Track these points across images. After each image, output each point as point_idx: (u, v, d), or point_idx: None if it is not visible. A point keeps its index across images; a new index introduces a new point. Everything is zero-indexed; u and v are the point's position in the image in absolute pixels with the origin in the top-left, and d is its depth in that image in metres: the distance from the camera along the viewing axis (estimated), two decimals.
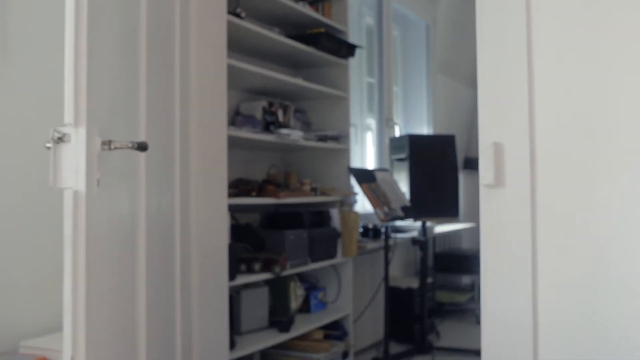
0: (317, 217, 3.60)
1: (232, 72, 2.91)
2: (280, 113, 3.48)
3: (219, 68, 2.60)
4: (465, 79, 6.69)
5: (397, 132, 5.09)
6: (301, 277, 3.72)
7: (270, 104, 3.46)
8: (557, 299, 1.78)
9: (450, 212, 4.12)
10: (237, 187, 3.19)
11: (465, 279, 5.96)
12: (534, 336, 1.84)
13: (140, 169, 1.87)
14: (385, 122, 5.00)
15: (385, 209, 3.66)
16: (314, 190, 3.58)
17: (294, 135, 3.34)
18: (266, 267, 3.06)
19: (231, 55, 2.94)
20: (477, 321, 5.15)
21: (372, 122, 5.18)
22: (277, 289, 3.44)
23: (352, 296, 3.84)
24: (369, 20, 5.23)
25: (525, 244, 1.81)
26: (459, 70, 6.45)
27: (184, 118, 2.29)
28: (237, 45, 3.26)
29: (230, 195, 2.96)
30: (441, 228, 5.15)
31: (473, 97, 6.88)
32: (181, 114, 2.27)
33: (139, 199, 1.86)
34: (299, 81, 3.46)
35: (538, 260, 1.80)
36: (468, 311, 5.46)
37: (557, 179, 1.79)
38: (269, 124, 3.40)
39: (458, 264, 5.36)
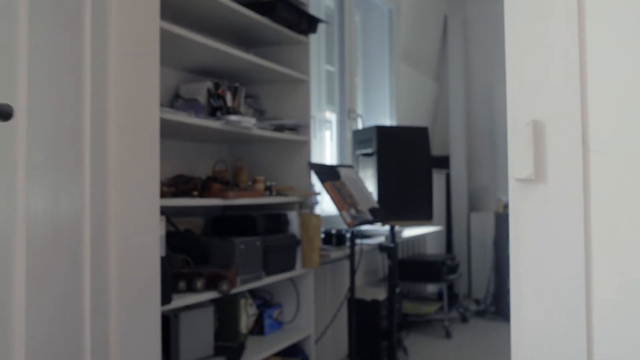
0: (273, 221, 3.04)
1: (169, 42, 2.32)
2: (228, 97, 2.90)
3: (149, 32, 2.00)
4: (428, 70, 6.23)
5: (360, 125, 4.56)
6: (253, 292, 3.15)
7: (217, 86, 2.88)
8: (615, 325, 1.28)
9: (423, 214, 3.62)
10: (176, 185, 2.60)
11: (431, 288, 5.48)
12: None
13: (18, 155, 1.27)
14: (347, 114, 4.47)
15: (352, 211, 3.12)
16: (268, 190, 3.01)
17: (246, 122, 2.77)
18: (211, 284, 2.47)
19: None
20: (447, 334, 4.67)
21: (332, 115, 4.65)
22: (225, 309, 2.85)
23: (313, 313, 3.28)
24: (329, 1, 4.69)
25: (576, 256, 1.30)
26: (421, 61, 5.98)
27: (97, 93, 1.69)
28: (175, 12, 2.66)
29: (166, 195, 2.36)
30: (406, 232, 4.64)
31: (436, 91, 6.42)
32: (93, 87, 1.68)
33: (15, 199, 1.26)
34: (251, 57, 2.88)
35: (593, 273, 1.29)
36: (435, 323, 4.98)
37: (615, 171, 1.28)
38: (215, 110, 2.82)
39: (423, 271, 4.86)
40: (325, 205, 4.26)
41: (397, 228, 3.90)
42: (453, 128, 6.32)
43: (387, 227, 3.82)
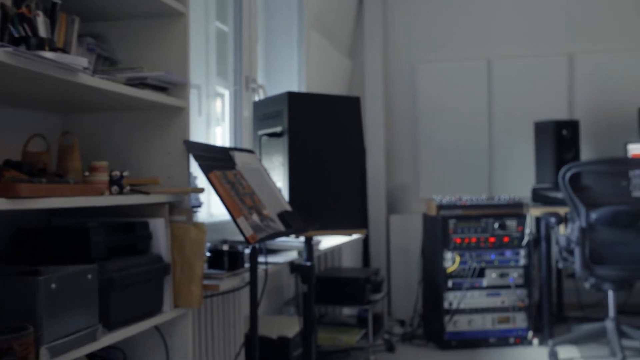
0: (122, 236, 1.84)
1: None
2: (42, 22, 1.68)
3: None
4: (342, 46, 5.17)
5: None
6: (92, 355, 1.93)
7: (17, 3, 1.65)
8: None
9: (354, 220, 2.54)
10: None
11: (348, 311, 4.43)
12: None
13: None
14: (244, 85, 3.31)
15: (255, 218, 1.98)
16: (116, 184, 1.81)
17: (75, 62, 1.57)
18: None
19: None
20: None
21: (225, 92, 3.48)
22: None
23: None
24: None
25: None
26: (335, 32, 4.92)
27: None
28: None
29: None
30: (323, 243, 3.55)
31: (350, 70, 5.38)
32: None
33: None
34: None
35: None
36: (355, 354, 3.91)
37: None
38: (20, 41, 1.59)
39: (342, 291, 3.79)
40: (214, 207, 3.08)
41: (315, 239, 2.79)
42: (370, 115, 5.30)
43: (301, 239, 2.71)
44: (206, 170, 1.95)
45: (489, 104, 5.21)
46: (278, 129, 2.57)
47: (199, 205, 2.42)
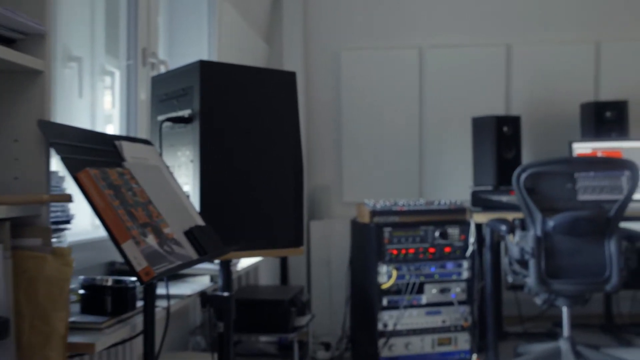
0: None
1: None
2: None
3: None
4: (257, 27, 4.49)
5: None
6: None
7: None
8: None
9: (286, 235, 1.88)
10: None
11: (267, 339, 3.75)
12: None
13: None
14: (141, 58, 2.58)
15: (152, 240, 1.30)
16: None
17: None
18: None
19: None
20: None
21: (115, 70, 2.72)
22: None
23: None
24: None
25: None
26: (250, 12, 4.24)
27: None
28: None
29: None
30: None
31: (267, 56, 4.70)
32: None
33: None
34: None
35: None
36: None
37: None
38: None
39: (261, 316, 3.13)
40: (86, 220, 2.33)
41: (234, 260, 2.11)
42: None
43: (216, 261, 2.03)
44: (73, 167, 1.24)
45: (420, 97, 4.70)
46: (186, 113, 1.87)
47: (68, 221, 1.68)
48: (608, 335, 4.31)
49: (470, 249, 3.71)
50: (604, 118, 4.21)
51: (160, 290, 1.61)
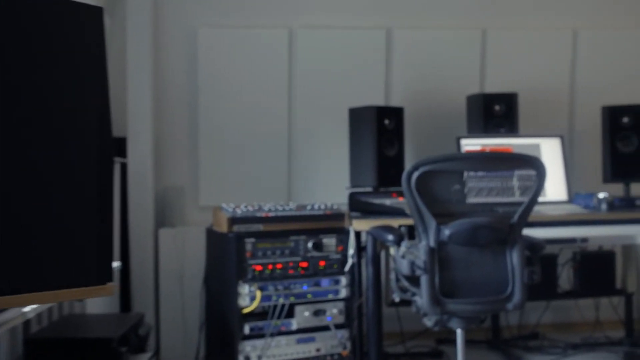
0: None
1: None
2: None
3: None
4: None
5: None
6: None
7: None
8: None
9: (85, 269, 1.16)
10: None
11: None
12: None
13: None
14: None
15: None
16: None
17: None
18: None
19: None
20: None
21: None
22: None
23: None
24: None
25: None
26: None
27: None
28: None
29: None
30: None
31: (107, 30, 3.86)
32: None
33: None
34: None
35: None
36: None
37: None
38: None
39: None
40: None
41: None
42: (133, 92, 3.85)
43: None
44: None
45: (290, 84, 4.06)
46: None
47: None
48: (495, 352, 3.91)
49: (350, 262, 3.12)
50: (493, 112, 3.79)
51: None
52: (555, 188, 3.58)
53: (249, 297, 2.95)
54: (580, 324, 4.23)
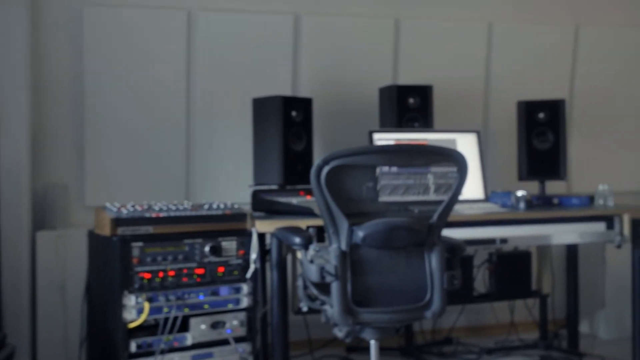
0: None
1: None
2: None
3: None
4: None
5: None
6: None
7: None
8: None
9: None
10: None
11: None
12: None
13: None
14: None
15: None
16: None
17: None
18: None
19: None
20: None
21: None
22: None
23: None
24: None
25: None
26: None
27: None
28: None
29: None
30: None
31: None
32: None
33: None
34: None
35: None
36: None
37: None
38: None
39: None
40: None
41: None
42: (6, 77, 3.37)
43: None
44: None
45: (188, 71, 3.70)
46: None
47: None
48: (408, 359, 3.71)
49: (252, 267, 2.80)
50: (407, 105, 3.57)
51: None
52: (471, 186, 3.39)
53: (135, 310, 2.57)
54: (495, 327, 4.10)
